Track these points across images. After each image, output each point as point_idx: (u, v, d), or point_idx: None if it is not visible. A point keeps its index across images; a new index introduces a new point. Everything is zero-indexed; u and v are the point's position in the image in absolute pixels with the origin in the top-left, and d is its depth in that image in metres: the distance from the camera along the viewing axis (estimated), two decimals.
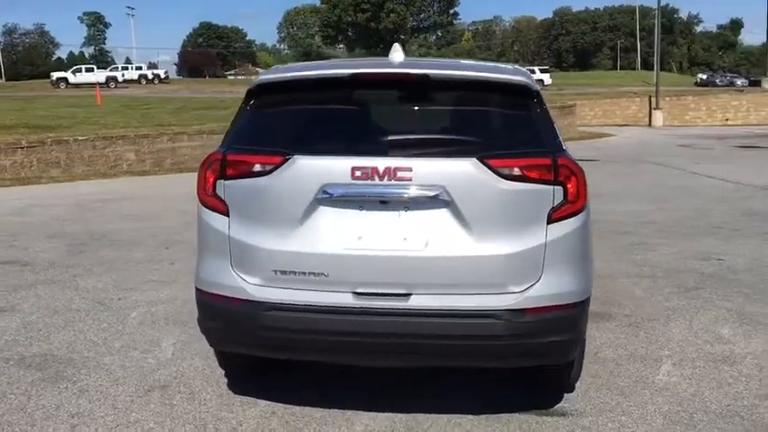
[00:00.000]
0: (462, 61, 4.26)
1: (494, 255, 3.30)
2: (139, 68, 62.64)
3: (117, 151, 15.45)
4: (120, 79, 54.95)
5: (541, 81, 52.61)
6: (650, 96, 39.85)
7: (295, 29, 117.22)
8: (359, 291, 3.35)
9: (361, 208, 3.35)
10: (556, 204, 3.35)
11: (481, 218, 3.30)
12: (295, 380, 4.26)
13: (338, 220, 3.36)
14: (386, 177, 3.27)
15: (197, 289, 3.68)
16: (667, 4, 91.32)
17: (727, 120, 40.46)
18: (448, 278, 3.31)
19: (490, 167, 3.28)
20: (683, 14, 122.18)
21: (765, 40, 42.40)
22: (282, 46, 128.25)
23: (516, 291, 3.32)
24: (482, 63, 3.99)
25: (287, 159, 3.37)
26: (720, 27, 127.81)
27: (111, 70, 59.19)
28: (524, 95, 3.52)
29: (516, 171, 3.30)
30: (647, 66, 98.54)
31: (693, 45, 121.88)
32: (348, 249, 3.33)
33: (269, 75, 3.74)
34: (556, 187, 3.34)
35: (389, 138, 3.38)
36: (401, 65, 3.71)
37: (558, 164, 3.34)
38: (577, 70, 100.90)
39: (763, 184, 13.48)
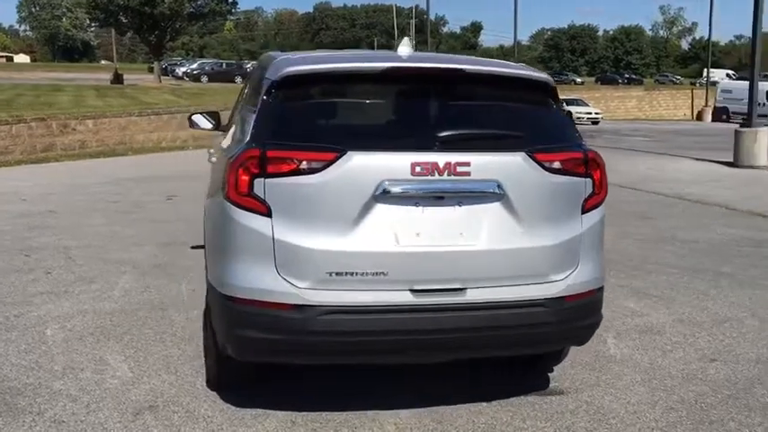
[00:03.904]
0: (471, 57, 4.33)
1: (542, 246, 3.45)
2: None
3: None
4: None
5: None
6: None
7: (38, 9, 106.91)
8: (416, 288, 3.32)
9: (417, 204, 3.31)
10: (587, 195, 3.58)
11: (530, 210, 3.43)
12: (294, 385, 4.08)
13: (395, 218, 3.29)
14: (445, 172, 3.28)
15: (226, 297, 3.38)
16: (417, 5, 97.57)
17: None
18: (501, 270, 3.40)
19: (537, 161, 3.42)
20: (432, 16, 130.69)
21: (513, 41, 46.68)
22: (23, 27, 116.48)
23: (559, 279, 3.50)
24: (489, 59, 4.09)
25: (341, 156, 3.23)
26: (463, 29, 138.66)
27: None
28: (547, 92, 3.70)
29: (557, 164, 3.48)
30: None
31: (441, 45, 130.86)
32: (407, 247, 3.29)
33: (295, 67, 3.50)
34: (587, 179, 3.58)
35: (443, 133, 3.36)
36: (412, 58, 3.71)
37: (588, 157, 3.57)
38: None
39: None
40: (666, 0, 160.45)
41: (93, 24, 39.79)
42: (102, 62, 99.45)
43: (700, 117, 42.00)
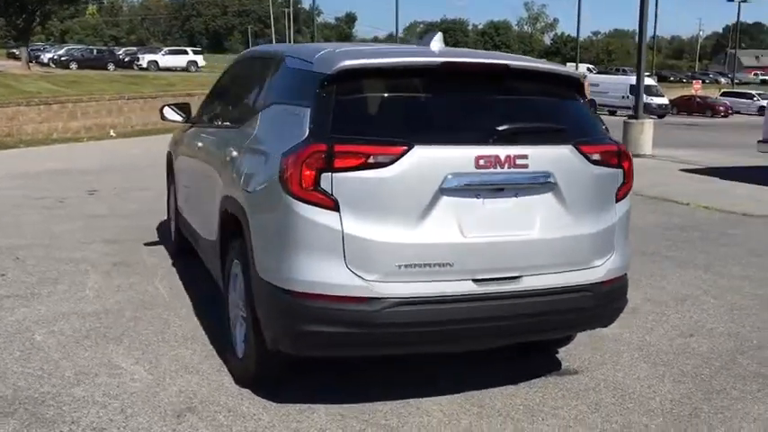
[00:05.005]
0: (506, 54, 4.42)
1: (587, 234, 3.65)
2: None
3: None
4: None
5: (195, 63, 52.21)
6: None
7: None
8: (478, 277, 3.42)
9: (477, 196, 3.42)
10: (619, 185, 3.82)
11: (576, 200, 3.62)
12: (329, 379, 4.08)
13: (460, 209, 3.38)
14: (506, 165, 3.40)
15: (288, 291, 3.34)
16: None
17: None
18: (553, 258, 3.58)
19: (582, 153, 3.62)
20: (306, 5, 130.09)
21: (395, 32, 47.46)
22: None
23: (599, 265, 3.72)
24: (522, 56, 4.21)
25: (408, 150, 3.27)
26: (338, 19, 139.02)
27: None
28: (577, 87, 3.89)
29: (596, 156, 3.69)
30: None
31: (316, 34, 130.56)
32: (471, 237, 3.39)
33: (348, 61, 3.47)
34: (619, 170, 3.81)
35: (502, 126, 3.46)
36: (448, 53, 3.81)
37: (620, 149, 3.81)
38: (211, 53, 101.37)
39: None
40: None
41: None
42: None
43: None
